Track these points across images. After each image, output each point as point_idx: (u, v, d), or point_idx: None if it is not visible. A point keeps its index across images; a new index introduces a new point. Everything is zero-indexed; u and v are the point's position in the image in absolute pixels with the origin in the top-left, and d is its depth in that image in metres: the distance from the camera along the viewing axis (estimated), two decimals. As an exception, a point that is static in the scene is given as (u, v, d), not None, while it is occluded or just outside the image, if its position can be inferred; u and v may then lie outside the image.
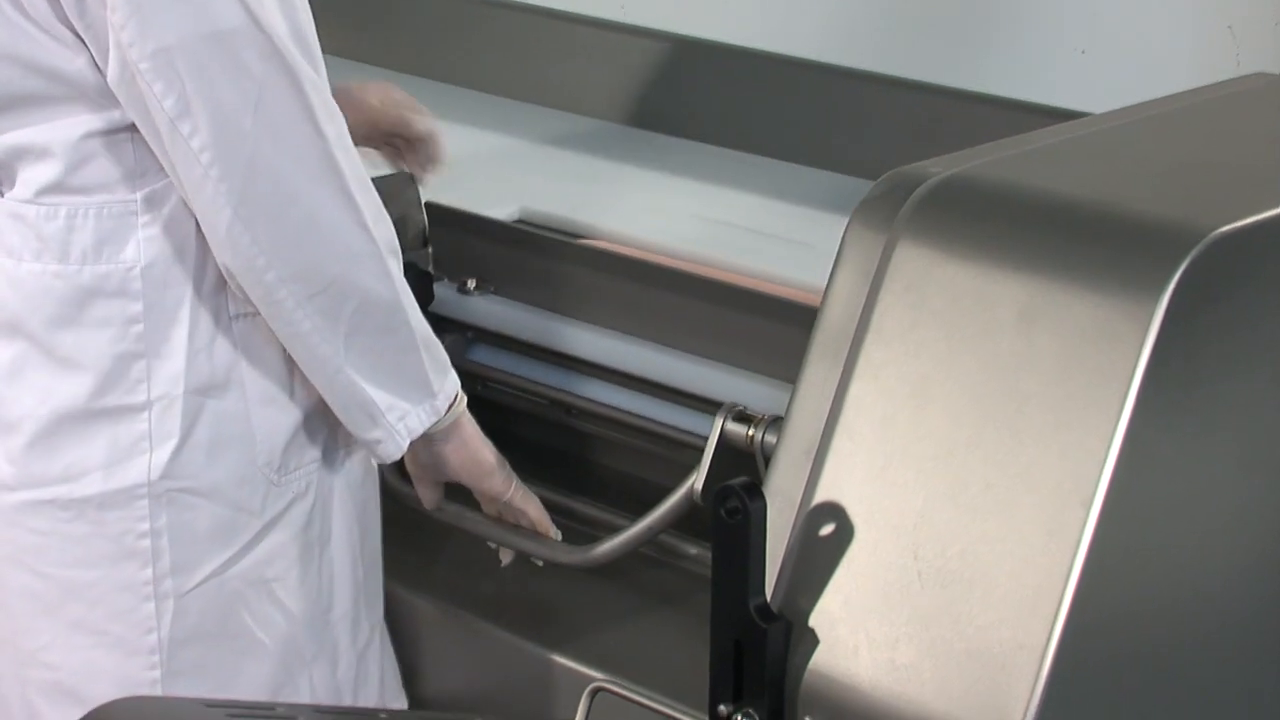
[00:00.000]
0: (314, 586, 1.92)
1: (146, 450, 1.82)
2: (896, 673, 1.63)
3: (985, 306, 1.67)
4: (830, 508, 1.70)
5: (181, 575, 1.85)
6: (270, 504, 1.88)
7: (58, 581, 1.84)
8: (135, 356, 1.81)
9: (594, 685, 1.75)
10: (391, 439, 1.87)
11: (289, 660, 1.91)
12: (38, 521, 1.83)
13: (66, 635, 1.85)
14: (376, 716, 1.68)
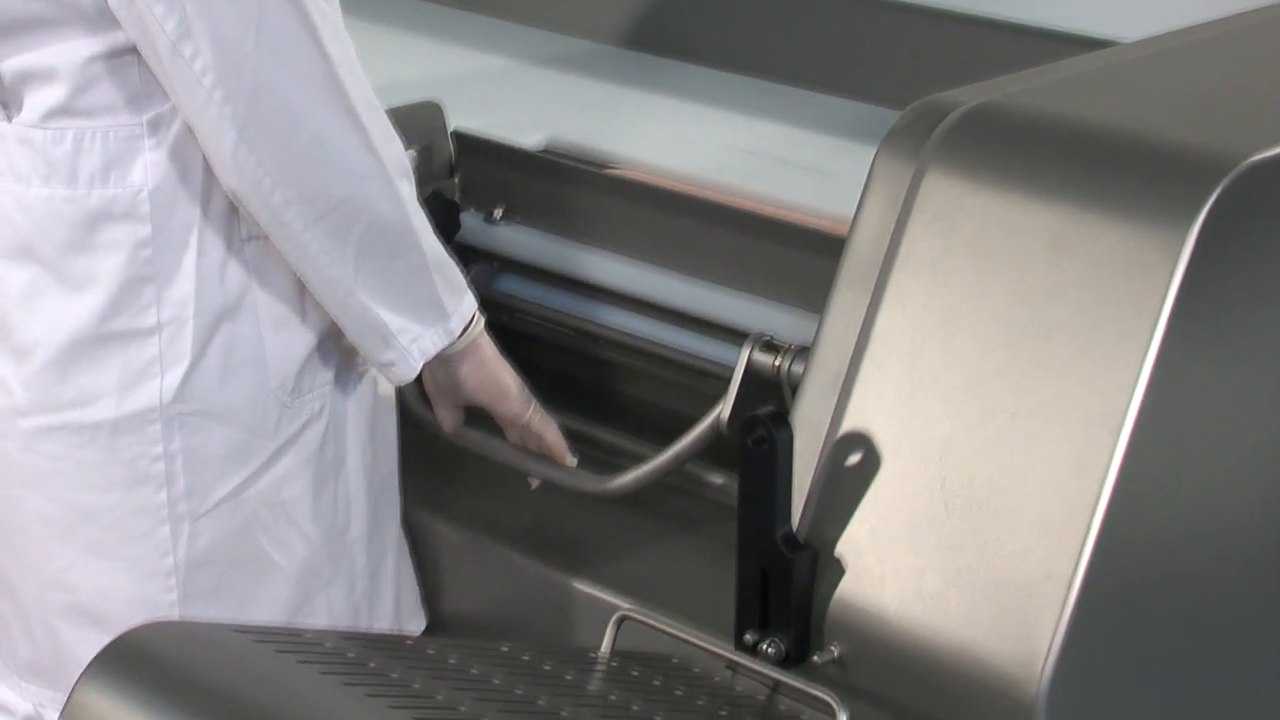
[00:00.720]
0: (329, 508, 1.93)
1: (158, 374, 1.83)
2: (923, 601, 1.63)
3: (1014, 235, 1.66)
4: (857, 437, 1.70)
5: (197, 498, 1.86)
6: (284, 427, 1.89)
7: (73, 506, 1.85)
8: (145, 280, 1.82)
9: (620, 614, 1.76)
10: (404, 361, 1.87)
11: (306, 582, 1.92)
12: (52, 447, 1.84)
13: (84, 559, 1.86)
14: (404, 644, 1.69)
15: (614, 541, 1.99)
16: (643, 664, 1.73)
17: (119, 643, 1.51)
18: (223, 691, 1.48)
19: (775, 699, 1.69)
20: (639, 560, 1.95)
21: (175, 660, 1.52)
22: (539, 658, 1.70)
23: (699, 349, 2.06)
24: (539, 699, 1.58)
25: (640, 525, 2.00)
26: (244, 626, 1.64)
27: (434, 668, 1.61)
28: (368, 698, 1.49)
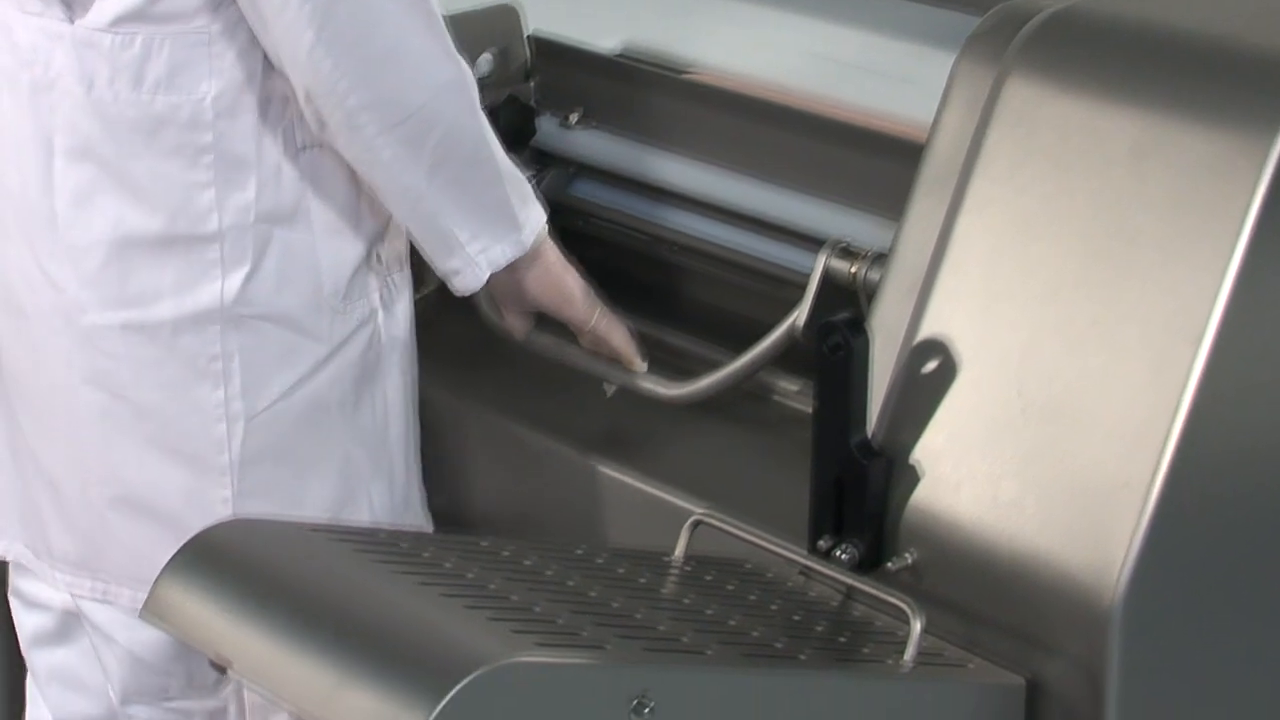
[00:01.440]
0: (371, 410, 1.96)
1: (218, 277, 1.85)
2: (999, 509, 1.63)
3: (1096, 141, 1.64)
4: (934, 344, 1.70)
5: (251, 398, 1.89)
6: (335, 331, 1.91)
7: (132, 403, 1.88)
8: (205, 185, 1.83)
9: (694, 518, 1.76)
10: (471, 271, 1.88)
11: (350, 479, 1.95)
12: (111, 344, 1.87)
13: (140, 454, 1.89)
14: (478, 545, 1.69)
15: (688, 447, 1.99)
16: (717, 568, 1.74)
17: (199, 539, 1.53)
18: (299, 588, 1.49)
19: (849, 605, 1.69)
20: (713, 465, 1.95)
21: (253, 556, 1.53)
22: (613, 560, 1.70)
23: (775, 255, 2.05)
24: (613, 601, 1.59)
25: (715, 431, 2.00)
26: (320, 525, 1.65)
27: (509, 569, 1.61)
28: (443, 597, 1.50)
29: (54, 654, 2.05)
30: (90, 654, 2.01)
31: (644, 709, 1.41)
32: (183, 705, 1.98)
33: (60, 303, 1.88)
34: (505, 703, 1.36)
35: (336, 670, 1.40)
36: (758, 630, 1.59)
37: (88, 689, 2.04)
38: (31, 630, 2.07)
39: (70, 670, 2.05)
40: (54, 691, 2.06)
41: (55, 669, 2.06)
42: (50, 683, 2.07)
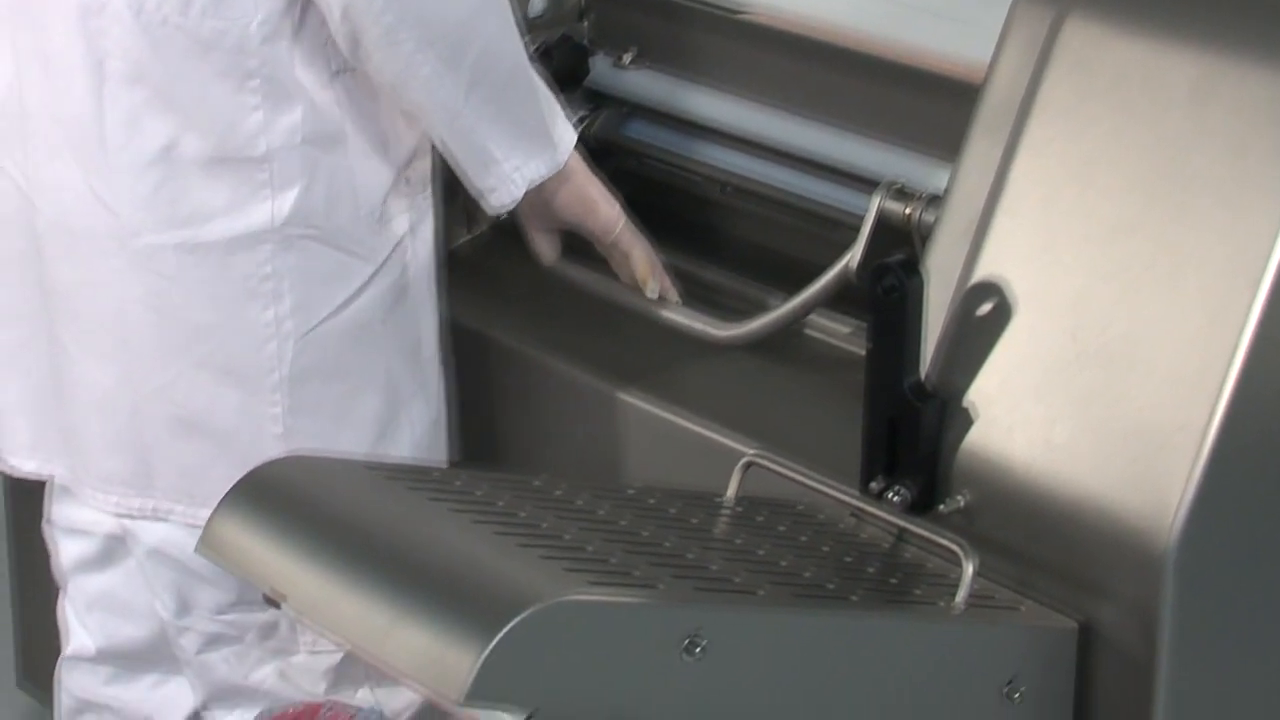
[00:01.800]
0: (408, 329, 1.99)
1: (268, 198, 1.88)
2: (1052, 452, 1.62)
3: (1155, 83, 1.63)
4: (989, 286, 1.69)
5: (301, 316, 1.91)
6: (377, 250, 1.94)
7: (184, 323, 1.90)
8: (254, 109, 1.86)
9: (746, 459, 1.76)
10: (505, 188, 1.91)
11: (392, 397, 1.98)
12: (163, 265, 1.89)
13: (192, 373, 1.91)
14: (530, 483, 1.70)
15: (741, 388, 1.98)
16: (768, 510, 1.74)
17: (254, 474, 1.53)
18: (353, 524, 1.50)
19: (901, 547, 1.69)
20: (766, 407, 1.95)
21: (308, 492, 1.54)
22: (665, 501, 1.70)
23: (829, 196, 2.04)
24: (665, 541, 1.59)
25: (767, 373, 1.99)
26: (374, 462, 1.65)
27: (561, 508, 1.62)
28: (496, 535, 1.51)
29: (97, 580, 2.07)
30: (135, 577, 2.03)
31: (696, 648, 1.41)
32: (235, 618, 1.99)
33: (114, 225, 1.89)
34: (557, 641, 1.36)
35: (389, 607, 1.41)
36: (809, 571, 1.59)
37: (133, 613, 2.05)
38: (73, 557, 2.08)
39: (114, 595, 2.06)
40: (96, 618, 2.08)
41: (98, 595, 2.07)
42: (93, 610, 2.08)
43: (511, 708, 1.36)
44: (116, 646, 2.07)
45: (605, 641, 1.39)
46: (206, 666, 2.02)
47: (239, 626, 2.00)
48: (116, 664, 2.08)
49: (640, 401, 1.99)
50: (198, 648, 2.02)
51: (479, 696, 1.34)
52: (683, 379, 2.02)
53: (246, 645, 2.01)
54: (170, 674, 2.06)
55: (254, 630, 2.00)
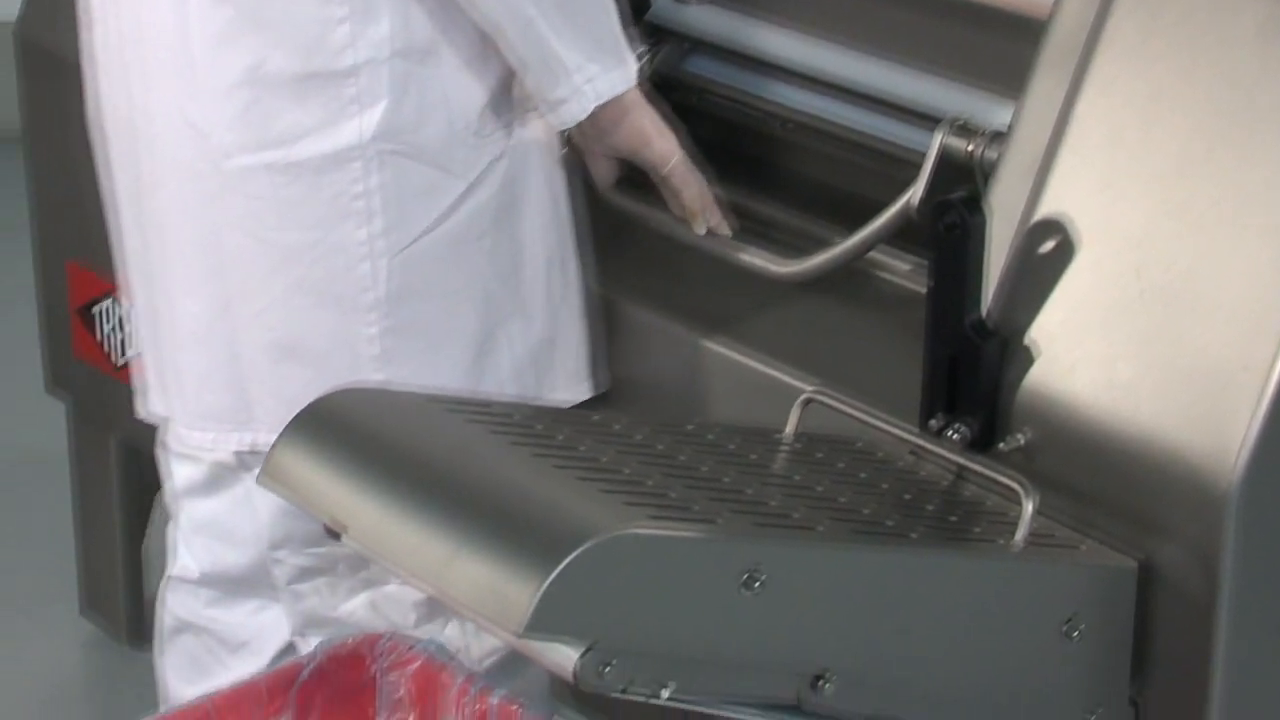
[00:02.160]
0: (508, 247, 1.97)
1: (357, 113, 1.87)
2: (1114, 391, 1.62)
3: (1223, 19, 1.62)
4: (1052, 224, 1.68)
5: (395, 234, 1.90)
6: (471, 166, 1.93)
7: (277, 245, 1.90)
8: (340, 21, 1.86)
9: (805, 395, 1.76)
10: (576, 100, 1.90)
11: (490, 315, 1.97)
12: (255, 186, 1.89)
13: (287, 296, 1.91)
14: (590, 419, 1.70)
15: (801, 325, 1.98)
16: (827, 446, 1.74)
17: (316, 405, 1.54)
18: (414, 456, 1.50)
19: (960, 484, 1.69)
20: (826, 344, 1.94)
21: (369, 424, 1.54)
22: (724, 437, 1.70)
23: (891, 132, 2.03)
24: (724, 477, 1.59)
25: (827, 309, 1.99)
26: (436, 395, 1.66)
27: (621, 443, 1.62)
28: (556, 469, 1.51)
29: (203, 505, 2.07)
30: (240, 505, 2.03)
31: (754, 583, 1.42)
32: (327, 550, 1.99)
33: (205, 148, 1.90)
34: (616, 574, 1.37)
35: (450, 539, 1.41)
36: (868, 508, 1.59)
37: (236, 539, 2.06)
38: (181, 482, 2.09)
39: (219, 521, 2.07)
40: (201, 542, 2.09)
41: (203, 520, 2.08)
42: (198, 534, 2.09)
43: (570, 640, 1.37)
44: (219, 571, 2.08)
45: (664, 575, 1.40)
46: (298, 596, 2.03)
47: (330, 558, 2.00)
48: (218, 588, 2.09)
49: (699, 337, 1.98)
50: (290, 578, 2.02)
51: (538, 629, 1.35)
52: (742, 315, 2.01)
53: (338, 576, 2.01)
54: (271, 601, 2.07)
55: (345, 562, 2.00)
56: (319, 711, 1.72)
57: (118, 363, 2.63)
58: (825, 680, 1.46)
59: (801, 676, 1.46)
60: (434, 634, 1.98)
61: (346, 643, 1.75)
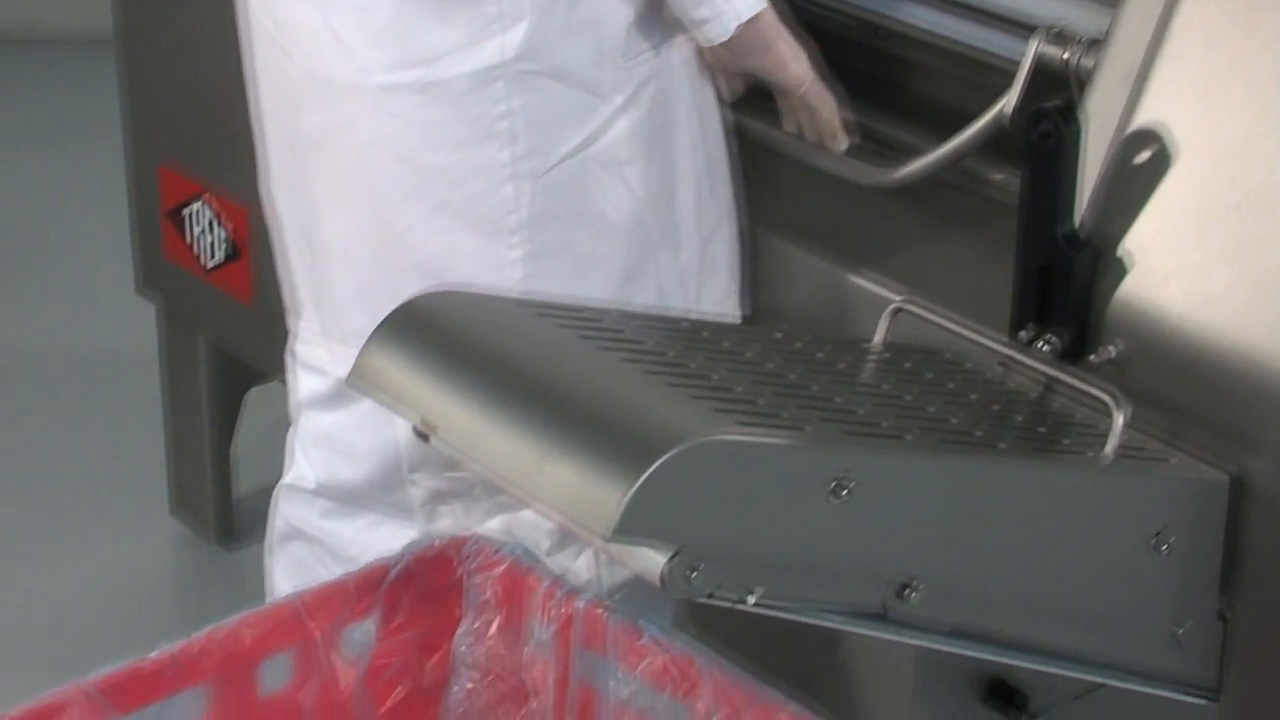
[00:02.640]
0: (658, 171, 1.95)
1: (499, 33, 1.85)
2: (1208, 304, 1.60)
3: (1328, -74, 1.59)
4: (1148, 133, 1.66)
5: (538, 157, 1.89)
6: (619, 88, 1.91)
7: (420, 166, 1.89)
8: None
9: (894, 304, 1.75)
10: (719, 21, 1.89)
11: (637, 242, 1.95)
12: (397, 105, 1.88)
13: (429, 218, 1.90)
14: (679, 324, 1.70)
15: (891, 235, 1.97)
16: (916, 356, 1.73)
17: (406, 307, 1.54)
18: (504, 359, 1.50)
19: (1049, 396, 1.68)
20: (915, 254, 1.93)
21: (459, 326, 1.54)
22: (813, 345, 1.70)
23: (985, 40, 2.01)
24: (812, 385, 1.58)
25: (918, 220, 1.98)
26: (527, 299, 1.66)
27: (710, 350, 1.62)
28: (645, 375, 1.51)
29: (324, 418, 2.08)
30: (361, 422, 2.03)
31: (842, 490, 1.41)
32: (466, 476, 1.99)
33: (351, 66, 1.89)
34: (705, 480, 1.37)
35: (538, 442, 1.42)
36: (956, 418, 1.58)
37: (355, 455, 2.06)
38: (305, 393, 2.09)
39: (339, 436, 2.07)
40: (320, 454, 2.09)
41: (323, 433, 2.08)
42: (318, 445, 2.09)
43: (657, 545, 1.37)
44: (335, 484, 2.08)
45: (752, 482, 1.40)
46: (433, 518, 2.03)
47: (466, 483, 2.00)
48: (333, 500, 2.09)
49: (789, 245, 1.98)
50: (425, 500, 2.03)
51: (625, 533, 1.35)
52: (832, 223, 2.00)
53: (473, 500, 2.01)
54: (386, 517, 2.07)
55: (482, 485, 2.00)
56: (406, 611, 1.73)
57: (207, 265, 2.65)
58: (911, 589, 1.46)
59: (888, 585, 1.46)
60: (566, 563, 1.99)
61: (434, 544, 1.76)
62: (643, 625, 1.66)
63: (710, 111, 1.99)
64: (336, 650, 1.71)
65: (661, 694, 1.63)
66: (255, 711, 1.67)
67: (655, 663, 1.63)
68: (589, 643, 1.69)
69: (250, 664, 1.66)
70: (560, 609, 1.70)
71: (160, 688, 1.61)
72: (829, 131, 2.00)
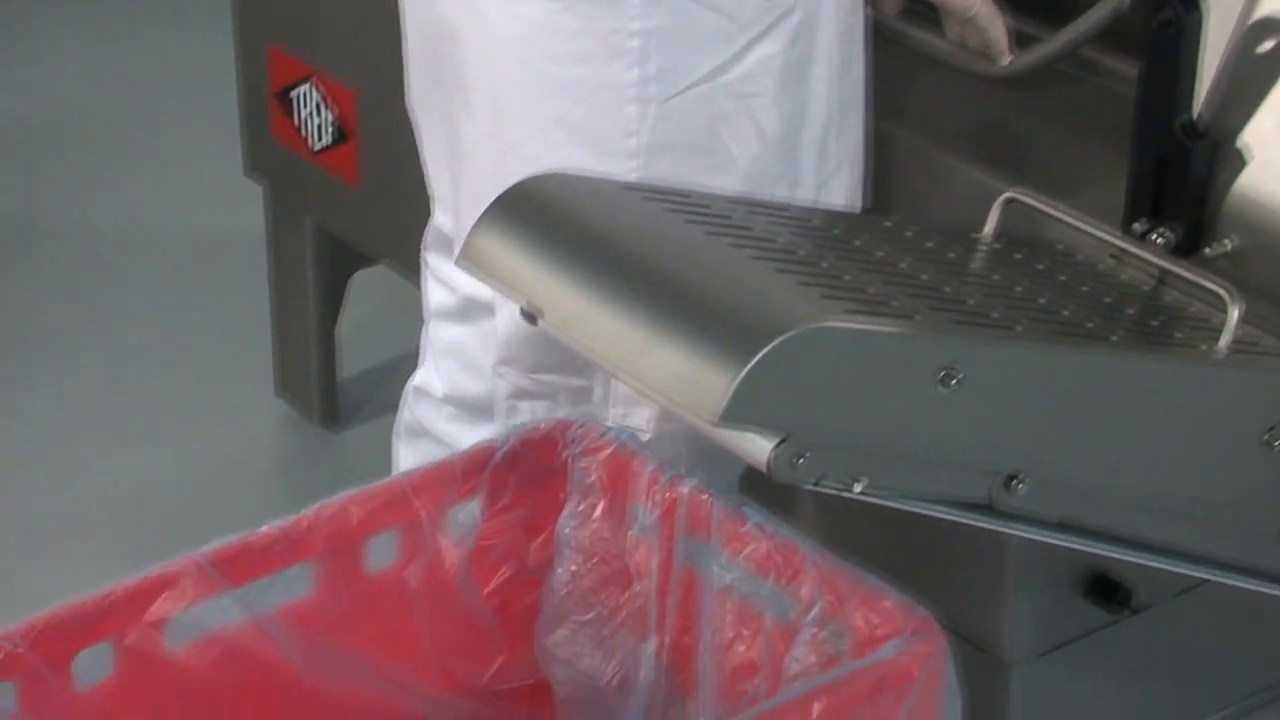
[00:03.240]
0: (788, 109, 1.89)
1: None
2: (1328, 197, 1.58)
3: None
4: (1271, 23, 1.63)
5: (667, 80, 1.84)
6: (759, 18, 1.85)
7: (545, 75, 1.85)
8: None
9: (1006, 195, 1.73)
10: None
11: (755, 178, 1.89)
12: (531, 9, 1.84)
13: (547, 130, 1.87)
14: (787, 209, 1.69)
15: (1004, 125, 1.95)
16: (1027, 248, 1.72)
17: (515, 189, 1.54)
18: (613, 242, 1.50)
19: (1162, 289, 1.66)
20: (1029, 144, 1.91)
21: (568, 209, 1.54)
22: (923, 234, 1.69)
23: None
24: (922, 274, 1.57)
25: (1033, 109, 1.95)
26: (635, 184, 1.65)
27: (819, 236, 1.61)
28: (754, 260, 1.50)
29: (452, 330, 2.07)
30: (487, 338, 2.03)
31: (951, 380, 1.41)
32: (551, 379, 1.99)
33: None
34: (813, 367, 1.36)
35: (646, 326, 1.41)
36: (1068, 310, 1.57)
37: (476, 371, 2.06)
38: (434, 303, 2.09)
39: (465, 350, 2.07)
40: (446, 365, 2.09)
41: (450, 344, 2.08)
42: (444, 356, 2.09)
43: (764, 431, 1.37)
44: (460, 396, 2.08)
45: (861, 370, 1.39)
46: (513, 413, 2.03)
47: (553, 387, 2.00)
48: (460, 408, 2.10)
49: (902, 133, 1.96)
50: (508, 394, 2.02)
51: (732, 419, 1.35)
52: (944, 111, 1.98)
53: (556, 404, 2.01)
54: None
55: (565, 393, 2.00)
56: (511, 493, 1.74)
57: (314, 147, 2.65)
58: (1019, 481, 1.46)
59: (995, 476, 1.46)
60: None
61: (539, 427, 1.76)
62: (747, 511, 1.66)
63: (855, 50, 1.93)
64: (442, 530, 1.72)
65: (765, 580, 1.63)
66: (361, 588, 1.68)
67: (759, 549, 1.63)
68: (693, 528, 1.69)
69: (357, 541, 1.68)
70: (664, 494, 1.70)
71: (269, 562, 1.62)
72: (997, 49, 1.95)
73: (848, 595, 1.58)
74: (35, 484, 2.77)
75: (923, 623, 1.54)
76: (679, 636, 1.72)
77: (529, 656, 1.76)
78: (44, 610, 1.55)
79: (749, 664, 1.66)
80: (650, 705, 1.76)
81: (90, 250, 3.30)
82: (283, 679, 1.65)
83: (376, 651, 1.70)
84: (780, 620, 1.63)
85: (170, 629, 1.59)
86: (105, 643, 1.57)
